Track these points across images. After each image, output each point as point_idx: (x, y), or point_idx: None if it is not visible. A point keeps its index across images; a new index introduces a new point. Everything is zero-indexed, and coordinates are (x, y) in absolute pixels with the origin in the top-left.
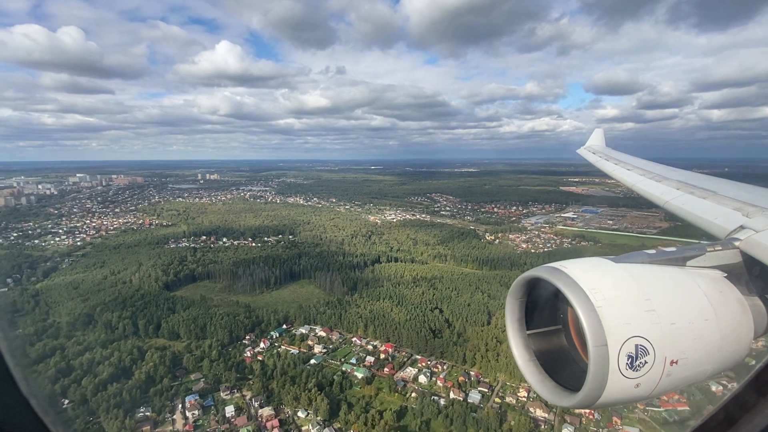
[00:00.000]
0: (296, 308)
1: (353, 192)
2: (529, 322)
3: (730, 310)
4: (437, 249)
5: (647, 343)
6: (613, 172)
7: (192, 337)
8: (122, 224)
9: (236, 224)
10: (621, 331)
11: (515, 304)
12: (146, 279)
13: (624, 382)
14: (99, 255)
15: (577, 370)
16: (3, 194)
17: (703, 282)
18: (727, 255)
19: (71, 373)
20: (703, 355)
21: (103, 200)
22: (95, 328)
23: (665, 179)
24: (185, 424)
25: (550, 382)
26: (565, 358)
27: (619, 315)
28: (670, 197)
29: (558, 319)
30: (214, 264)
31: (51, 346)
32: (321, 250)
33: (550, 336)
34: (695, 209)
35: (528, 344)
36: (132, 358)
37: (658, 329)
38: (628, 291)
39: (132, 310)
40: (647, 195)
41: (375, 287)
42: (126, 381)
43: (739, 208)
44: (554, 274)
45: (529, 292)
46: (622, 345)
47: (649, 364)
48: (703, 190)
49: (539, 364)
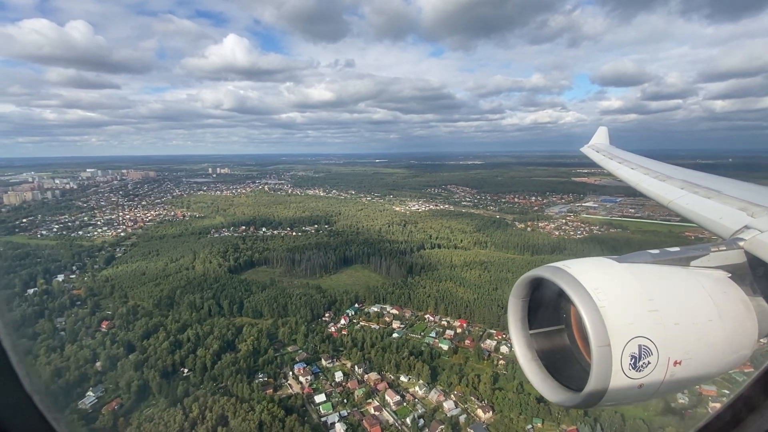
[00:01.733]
0: (363, 289)
1: (369, 184)
2: (532, 322)
3: (734, 310)
4: (475, 236)
5: (650, 343)
6: (617, 171)
7: (275, 315)
8: (156, 216)
9: (270, 215)
10: (624, 331)
11: (518, 304)
12: (209, 265)
13: (627, 382)
14: (148, 245)
15: (579, 370)
16: (23, 189)
17: (707, 282)
18: (731, 255)
19: (182, 346)
20: (707, 355)
21: (125, 194)
22: (180, 308)
23: (669, 178)
24: (302, 387)
25: (552, 382)
26: (567, 357)
27: (623, 315)
28: (674, 197)
29: (561, 318)
30: (268, 251)
31: (152, 324)
32: (364, 238)
33: (553, 336)
34: (699, 209)
35: (531, 344)
36: (231, 333)
37: (661, 329)
38: (632, 291)
39: (211, 292)
40: (651, 194)
41: (430, 271)
42: (235, 352)
43: (744, 207)
44: (557, 274)
45: (532, 291)
46: (626, 345)
47: (652, 365)
48: (708, 189)
49: (542, 363)
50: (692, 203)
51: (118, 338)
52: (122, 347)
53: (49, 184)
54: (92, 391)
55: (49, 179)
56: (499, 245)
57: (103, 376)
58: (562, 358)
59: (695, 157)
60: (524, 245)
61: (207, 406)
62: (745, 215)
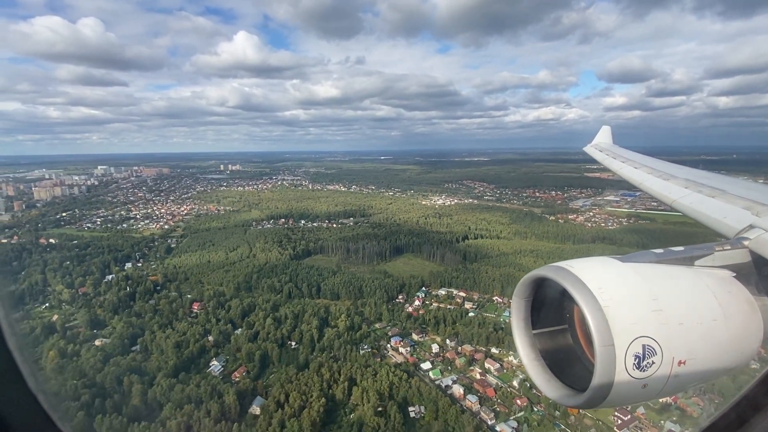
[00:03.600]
0: (427, 275)
1: (386, 180)
2: (535, 322)
3: (738, 310)
4: (512, 228)
5: (654, 343)
6: (620, 171)
7: (352, 296)
8: (190, 211)
9: (304, 209)
10: (628, 330)
11: (521, 304)
12: (269, 254)
13: (631, 382)
14: (197, 237)
15: (583, 370)
16: (46, 185)
17: (712, 282)
18: (736, 254)
19: (282, 323)
20: (711, 355)
21: (148, 190)
22: (261, 291)
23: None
24: (404, 357)
25: (556, 382)
26: (571, 357)
27: (626, 315)
28: (678, 196)
29: (564, 318)
30: (320, 241)
31: (246, 304)
32: (406, 230)
33: (556, 336)
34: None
35: (534, 343)
36: (322, 311)
37: (665, 329)
38: (635, 290)
39: (285, 276)
40: (655, 193)
41: (485, 258)
42: (332, 327)
43: (749, 206)
44: (560, 274)
45: (535, 291)
46: (629, 345)
47: (656, 365)
48: (712, 188)
49: (545, 363)
50: (696, 202)
51: (221, 316)
52: (227, 324)
53: (69, 180)
54: (216, 360)
55: (65, 176)
56: (539, 235)
57: (219, 349)
58: (565, 358)
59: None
60: (563, 235)
61: (335, 370)
62: (750, 214)
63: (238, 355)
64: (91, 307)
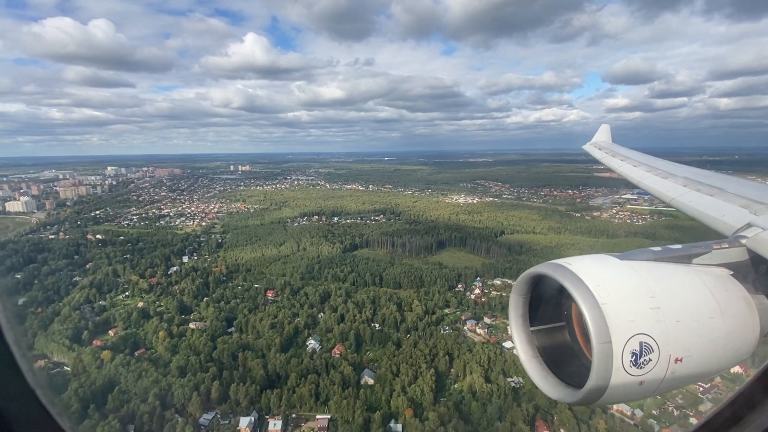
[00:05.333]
0: (479, 266)
1: (400, 180)
2: (533, 319)
3: (736, 308)
4: (544, 224)
5: (652, 340)
6: (620, 169)
7: (413, 285)
8: (220, 209)
9: (332, 207)
10: (625, 328)
11: (519, 301)
12: (320, 247)
13: (628, 379)
14: (239, 233)
15: (580, 366)
16: (66, 185)
17: (709, 280)
18: (733, 253)
19: (363, 307)
20: (708, 352)
21: (169, 189)
22: (327, 280)
23: (671, 176)
24: (483, 337)
25: (553, 379)
26: (568, 354)
27: (624, 312)
28: (677, 194)
29: (562, 315)
30: (362, 236)
31: (320, 291)
32: (443, 225)
33: (554, 333)
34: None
35: (532, 340)
36: (395, 298)
37: (662, 327)
38: (633, 288)
39: (345, 267)
40: (654, 192)
41: (530, 251)
42: (411, 312)
43: (747, 205)
44: (558, 271)
45: (533, 288)
46: (627, 342)
47: (653, 362)
48: (710, 187)
49: (543, 360)
50: (695, 200)
51: (301, 302)
52: (311, 308)
53: (86, 180)
54: (312, 339)
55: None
56: (572, 231)
57: (310, 330)
58: (563, 355)
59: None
60: (595, 231)
61: (431, 346)
62: (748, 213)
63: (330, 335)
64: (173, 294)
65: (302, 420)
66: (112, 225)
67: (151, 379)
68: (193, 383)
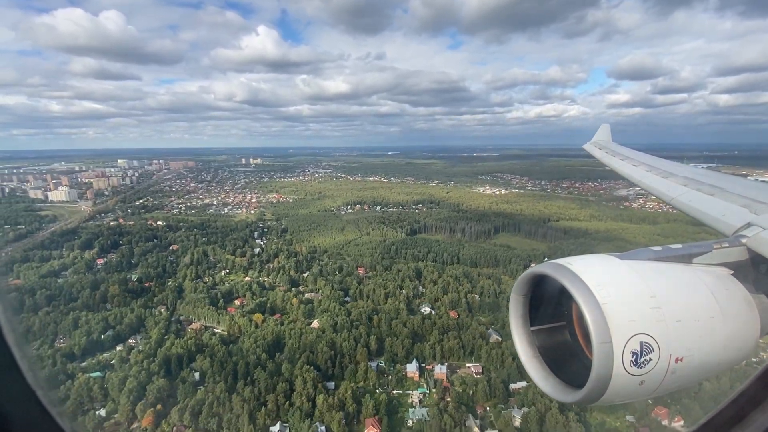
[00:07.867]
0: (544, 248)
1: (419, 173)
2: (534, 319)
3: (736, 307)
4: (584, 212)
5: (652, 340)
6: (620, 168)
7: (488, 265)
8: (259, 199)
9: (371, 198)
10: (626, 328)
11: (519, 300)
12: (384, 232)
13: (628, 379)
14: (293, 221)
15: (581, 366)
16: (89, 176)
17: (710, 279)
18: (734, 252)
19: (461, 281)
20: (708, 352)
21: (195, 180)
22: (406, 260)
23: (672, 175)
24: None
25: (553, 379)
26: (569, 354)
27: (624, 312)
28: (677, 194)
29: (562, 315)
30: (418, 222)
31: (411, 268)
32: (488, 213)
33: (555, 332)
34: (702, 206)
35: (532, 340)
36: (482, 274)
37: (663, 327)
38: (634, 288)
39: (423, 249)
40: (654, 191)
41: (584, 235)
42: (504, 285)
43: (747, 205)
44: (559, 271)
45: (533, 288)
46: (627, 342)
47: (653, 362)
48: (711, 186)
49: (543, 360)
50: (695, 200)
51: (399, 276)
52: (411, 281)
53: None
54: (426, 306)
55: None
56: (615, 218)
57: (420, 299)
58: (563, 355)
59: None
60: (634, 218)
61: None
62: (748, 212)
63: (438, 304)
64: (276, 270)
65: (456, 368)
66: (162, 213)
67: (313, 335)
68: (353, 337)
